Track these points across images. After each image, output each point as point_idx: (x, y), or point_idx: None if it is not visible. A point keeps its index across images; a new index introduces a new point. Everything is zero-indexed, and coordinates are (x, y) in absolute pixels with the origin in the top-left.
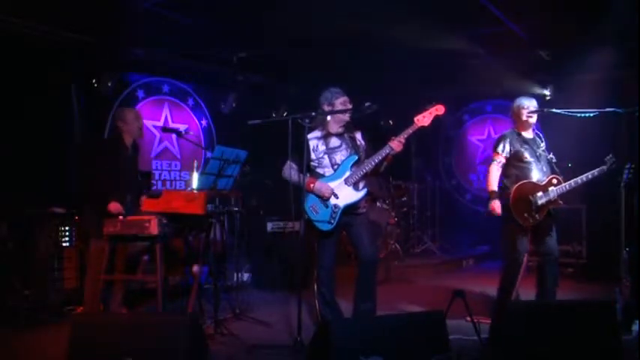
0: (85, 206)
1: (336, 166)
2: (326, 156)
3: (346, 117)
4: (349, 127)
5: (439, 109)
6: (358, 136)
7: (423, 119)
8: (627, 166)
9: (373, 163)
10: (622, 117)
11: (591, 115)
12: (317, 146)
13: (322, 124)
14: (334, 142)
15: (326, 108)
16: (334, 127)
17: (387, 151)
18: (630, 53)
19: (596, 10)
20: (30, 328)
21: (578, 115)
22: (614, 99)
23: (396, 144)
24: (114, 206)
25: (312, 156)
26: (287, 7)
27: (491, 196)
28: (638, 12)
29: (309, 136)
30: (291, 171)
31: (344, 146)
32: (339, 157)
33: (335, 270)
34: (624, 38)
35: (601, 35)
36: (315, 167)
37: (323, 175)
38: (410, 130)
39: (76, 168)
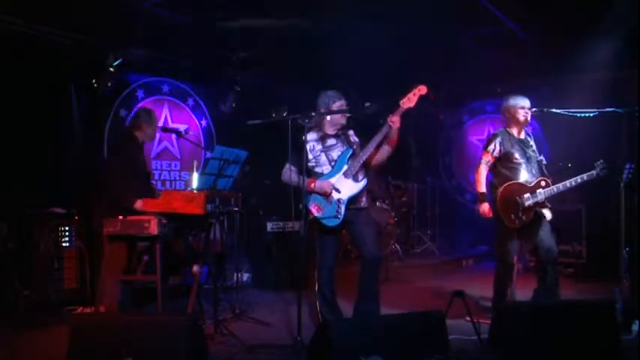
0: (103, 208)
1: (333, 163)
2: (323, 154)
3: (343, 120)
4: (343, 128)
5: (422, 89)
6: (351, 134)
7: (408, 101)
8: (627, 166)
9: (375, 143)
10: (622, 117)
11: (591, 115)
12: (314, 146)
13: (318, 126)
14: (330, 141)
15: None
16: (330, 130)
17: (387, 130)
18: (630, 53)
19: (596, 10)
20: (30, 328)
21: (578, 115)
22: (614, 99)
23: (394, 120)
24: (140, 204)
25: (310, 156)
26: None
27: (480, 198)
28: (638, 12)
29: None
30: (290, 173)
31: (339, 144)
32: (335, 153)
33: (335, 269)
34: (624, 37)
35: (601, 34)
36: (314, 167)
37: (322, 174)
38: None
39: (103, 170)
